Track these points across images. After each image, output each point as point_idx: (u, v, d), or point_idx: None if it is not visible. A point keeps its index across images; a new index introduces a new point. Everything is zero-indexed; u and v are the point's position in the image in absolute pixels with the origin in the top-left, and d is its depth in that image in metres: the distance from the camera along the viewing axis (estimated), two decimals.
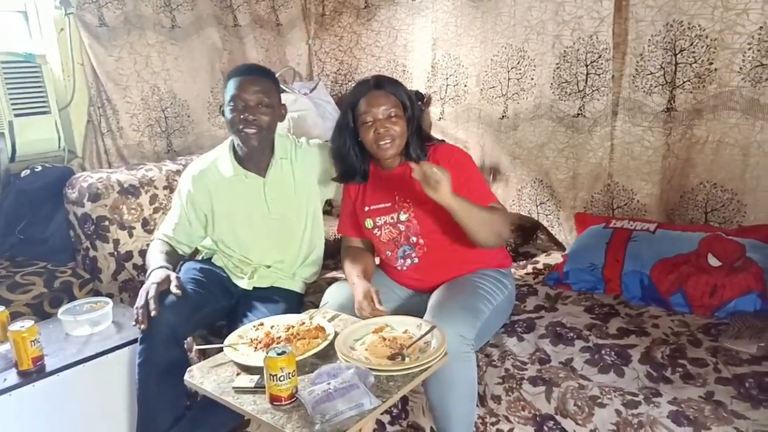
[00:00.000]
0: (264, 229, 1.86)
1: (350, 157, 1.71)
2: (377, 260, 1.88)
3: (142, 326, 1.53)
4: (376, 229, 1.73)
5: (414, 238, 1.68)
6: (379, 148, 1.61)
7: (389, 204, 1.70)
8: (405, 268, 1.72)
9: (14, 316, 1.87)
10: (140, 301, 1.56)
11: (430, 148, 1.69)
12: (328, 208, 2.52)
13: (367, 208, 1.74)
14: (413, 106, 1.65)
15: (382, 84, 1.63)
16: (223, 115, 1.76)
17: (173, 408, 1.61)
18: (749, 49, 1.86)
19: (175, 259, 1.84)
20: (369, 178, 1.75)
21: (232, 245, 1.89)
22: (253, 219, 1.84)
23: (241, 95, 1.68)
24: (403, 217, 1.67)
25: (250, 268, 1.88)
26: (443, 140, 1.80)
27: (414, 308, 1.66)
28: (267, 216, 1.84)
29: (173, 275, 1.64)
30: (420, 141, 1.67)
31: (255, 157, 1.80)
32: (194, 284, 1.75)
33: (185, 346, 1.70)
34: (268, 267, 1.89)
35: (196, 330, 1.79)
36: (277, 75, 1.83)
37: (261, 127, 1.71)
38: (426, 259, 1.69)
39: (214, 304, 1.79)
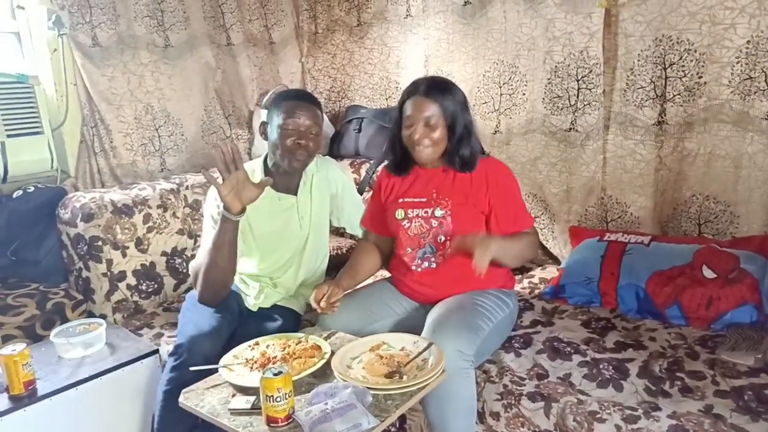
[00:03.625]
0: (291, 246, 1.87)
1: (395, 149, 1.77)
2: (386, 269, 1.89)
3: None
4: (406, 221, 1.72)
5: (442, 238, 1.68)
6: (416, 151, 1.67)
7: (425, 199, 1.71)
8: (420, 269, 1.72)
9: (5, 339, 1.85)
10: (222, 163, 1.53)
11: (481, 160, 1.72)
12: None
13: (401, 200, 1.75)
14: (459, 115, 1.67)
15: (431, 90, 1.66)
16: (264, 136, 1.79)
17: (188, 427, 1.58)
18: (737, 62, 1.88)
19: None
20: (409, 174, 1.78)
21: (252, 262, 1.87)
22: (285, 237, 1.85)
23: (295, 120, 1.71)
24: (438, 213, 1.68)
25: (258, 285, 1.87)
26: (489, 153, 1.82)
27: (414, 323, 1.65)
28: (298, 233, 1.86)
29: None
30: (468, 150, 1.68)
31: (288, 178, 1.83)
32: (226, 311, 1.75)
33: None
34: (275, 287, 1.88)
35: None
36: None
37: (309, 153, 1.75)
38: (444, 266, 1.69)
39: (234, 326, 1.77)
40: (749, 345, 1.55)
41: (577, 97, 2.23)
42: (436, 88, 1.67)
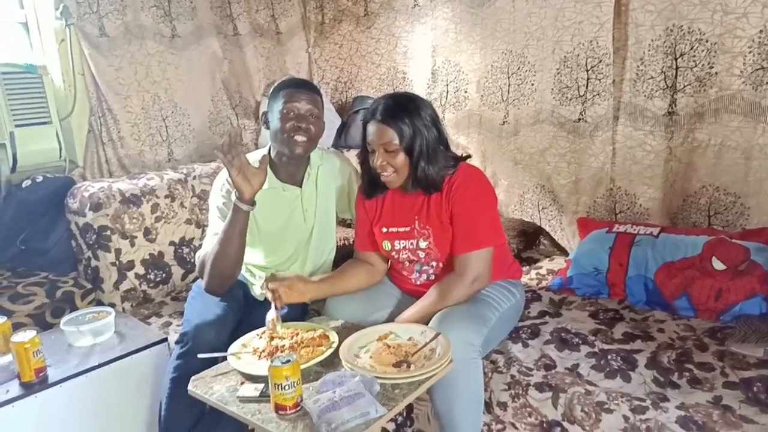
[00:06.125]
0: (296, 239, 1.86)
1: (365, 172, 1.71)
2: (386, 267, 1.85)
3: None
4: (394, 252, 1.71)
5: (434, 263, 1.67)
6: (382, 177, 1.62)
7: (408, 228, 1.66)
8: (419, 282, 1.71)
9: (16, 327, 1.86)
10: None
11: (446, 179, 1.61)
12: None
13: (384, 230, 1.71)
14: (418, 137, 1.55)
15: (385, 115, 1.56)
16: (266, 125, 1.79)
17: (195, 414, 1.61)
18: (749, 52, 1.86)
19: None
20: (387, 197, 1.72)
21: (258, 254, 1.87)
22: (290, 229, 1.85)
23: (294, 104, 1.71)
24: (423, 244, 1.65)
25: (264, 275, 1.87)
26: (464, 159, 1.67)
27: None
28: (302, 226, 1.85)
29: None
30: (432, 170, 1.57)
31: (292, 168, 1.82)
32: (232, 300, 1.76)
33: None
34: None
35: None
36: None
37: (310, 136, 1.73)
38: (443, 275, 1.66)
39: (240, 315, 1.78)
40: (759, 337, 1.54)
41: (587, 87, 2.21)
42: (390, 111, 1.56)
